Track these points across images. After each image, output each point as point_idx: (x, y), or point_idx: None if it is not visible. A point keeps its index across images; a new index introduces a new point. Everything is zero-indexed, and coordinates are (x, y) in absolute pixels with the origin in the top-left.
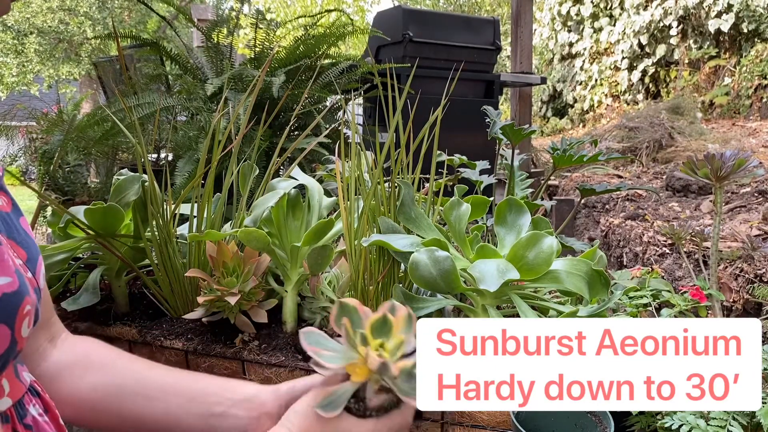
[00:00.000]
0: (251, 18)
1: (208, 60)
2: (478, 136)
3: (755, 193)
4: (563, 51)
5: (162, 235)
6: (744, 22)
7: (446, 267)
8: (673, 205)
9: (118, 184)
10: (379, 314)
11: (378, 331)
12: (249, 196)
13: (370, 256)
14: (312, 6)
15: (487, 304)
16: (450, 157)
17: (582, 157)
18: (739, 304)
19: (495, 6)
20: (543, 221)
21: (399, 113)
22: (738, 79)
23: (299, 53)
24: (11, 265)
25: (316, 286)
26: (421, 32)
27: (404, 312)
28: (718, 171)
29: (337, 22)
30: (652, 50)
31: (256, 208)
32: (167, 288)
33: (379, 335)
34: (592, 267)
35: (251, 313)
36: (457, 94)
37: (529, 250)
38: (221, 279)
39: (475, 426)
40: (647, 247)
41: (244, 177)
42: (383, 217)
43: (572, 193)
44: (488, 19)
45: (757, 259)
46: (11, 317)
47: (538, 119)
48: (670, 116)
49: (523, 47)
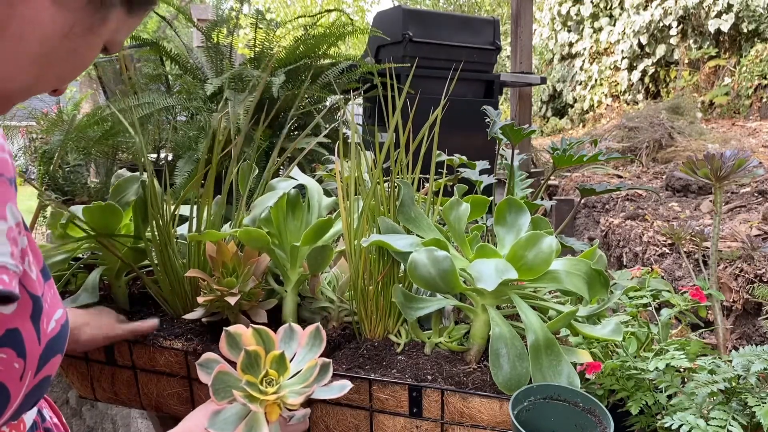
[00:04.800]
0: (251, 18)
1: (208, 60)
2: (477, 136)
3: (755, 193)
4: (563, 51)
5: (162, 236)
6: (744, 22)
7: (445, 267)
8: (673, 205)
9: (118, 184)
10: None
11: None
12: (249, 196)
13: (370, 256)
14: (312, 6)
15: (486, 303)
16: (450, 157)
17: (582, 157)
18: (739, 304)
19: (495, 6)
20: (543, 221)
21: (398, 113)
22: (738, 79)
23: (299, 53)
24: (59, 298)
25: (316, 286)
26: (421, 32)
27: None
28: (718, 171)
29: (337, 22)
30: (652, 50)
31: (255, 208)
32: (167, 288)
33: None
34: (591, 266)
35: (251, 313)
36: (457, 94)
37: (528, 249)
38: (221, 279)
39: (475, 426)
40: (647, 247)
41: (243, 177)
42: (383, 217)
43: (572, 193)
44: (488, 19)
45: (757, 259)
46: (65, 344)
47: (538, 119)
48: (670, 116)
49: (523, 47)
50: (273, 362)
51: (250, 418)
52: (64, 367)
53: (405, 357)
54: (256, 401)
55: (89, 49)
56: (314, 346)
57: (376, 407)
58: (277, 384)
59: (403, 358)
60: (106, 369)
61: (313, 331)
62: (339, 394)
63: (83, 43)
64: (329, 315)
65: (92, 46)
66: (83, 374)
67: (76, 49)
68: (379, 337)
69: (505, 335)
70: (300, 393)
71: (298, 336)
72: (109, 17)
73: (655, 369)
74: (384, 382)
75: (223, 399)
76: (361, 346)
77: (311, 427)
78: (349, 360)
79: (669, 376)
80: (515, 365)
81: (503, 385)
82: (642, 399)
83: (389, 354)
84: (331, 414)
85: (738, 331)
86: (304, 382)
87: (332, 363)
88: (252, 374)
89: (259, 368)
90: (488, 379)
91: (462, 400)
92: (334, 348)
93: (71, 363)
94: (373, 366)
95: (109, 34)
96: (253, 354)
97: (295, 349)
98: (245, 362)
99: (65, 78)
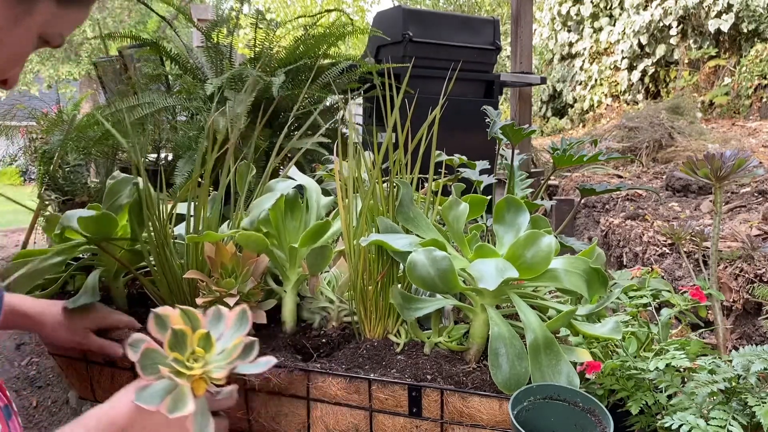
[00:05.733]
0: (251, 18)
1: (208, 60)
2: (478, 136)
3: (755, 193)
4: (563, 51)
5: (159, 237)
6: (744, 22)
7: (444, 267)
8: (673, 205)
9: (111, 187)
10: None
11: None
12: (248, 195)
13: (369, 256)
14: (312, 6)
15: (486, 303)
16: (450, 157)
17: (582, 157)
18: (739, 304)
19: (495, 6)
20: (542, 220)
21: (396, 112)
22: (738, 79)
23: (299, 53)
24: None
25: (316, 286)
26: (421, 32)
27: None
28: (718, 171)
29: (337, 22)
30: (652, 50)
31: (253, 209)
32: (165, 289)
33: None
34: (590, 265)
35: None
36: (457, 94)
37: (527, 249)
38: (220, 280)
39: (475, 425)
40: (647, 247)
41: (241, 177)
42: (381, 217)
43: (572, 193)
44: (488, 19)
45: (757, 259)
46: None
47: (538, 119)
48: (670, 116)
49: (523, 47)
50: (199, 341)
51: (177, 392)
52: (64, 368)
53: (404, 357)
54: (182, 376)
55: (19, 40)
56: (240, 326)
57: (376, 407)
58: (203, 360)
59: (403, 358)
60: (106, 370)
61: (239, 312)
62: (263, 369)
63: (10, 35)
64: (329, 315)
65: (21, 38)
66: (83, 375)
67: (2, 40)
68: (379, 336)
69: (504, 335)
70: (224, 368)
71: (226, 318)
72: (34, 9)
73: (655, 369)
74: (383, 381)
75: (150, 375)
76: (361, 345)
77: (311, 427)
78: (349, 360)
79: (669, 376)
80: (514, 365)
81: (502, 385)
82: (642, 399)
83: (389, 354)
84: (330, 414)
85: (738, 331)
86: (228, 358)
87: (258, 341)
88: (179, 352)
89: (186, 346)
90: (488, 379)
91: (461, 399)
92: (333, 348)
93: (71, 364)
94: (372, 366)
95: (40, 27)
96: (179, 333)
97: (222, 329)
98: (172, 340)
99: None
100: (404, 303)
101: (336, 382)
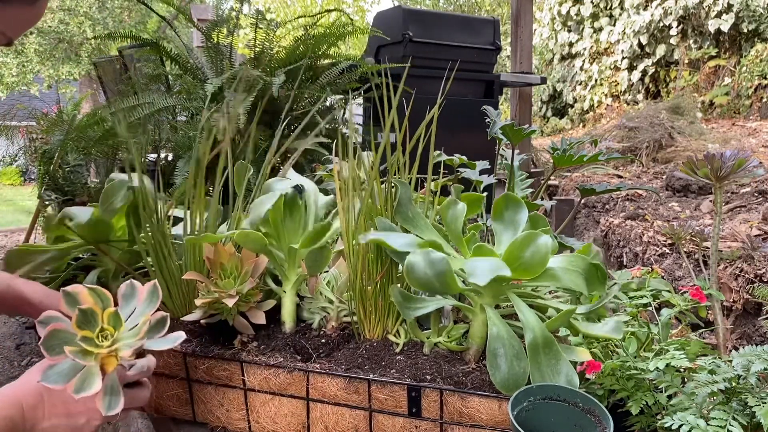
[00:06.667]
0: (251, 18)
1: (208, 60)
2: (478, 136)
3: (755, 193)
4: (563, 51)
5: (156, 238)
6: (744, 22)
7: (441, 268)
8: (673, 205)
9: (106, 189)
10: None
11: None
12: (246, 195)
13: (368, 256)
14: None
15: (485, 303)
16: (450, 157)
17: (582, 157)
18: (739, 304)
19: (495, 6)
20: (541, 218)
21: (394, 111)
22: (738, 79)
23: (299, 53)
24: None
25: (315, 286)
26: (421, 32)
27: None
28: (718, 171)
29: (337, 22)
30: (652, 50)
31: (252, 209)
32: (164, 290)
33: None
34: (588, 262)
35: (249, 314)
36: (457, 94)
37: (524, 249)
38: (219, 281)
39: (474, 425)
40: (647, 247)
41: (239, 177)
42: (380, 217)
43: (572, 193)
44: (488, 19)
45: (757, 259)
46: None
47: (538, 119)
48: (670, 116)
49: (523, 47)
50: (109, 318)
51: (85, 371)
52: None
53: (404, 357)
54: (90, 355)
55: None
56: (151, 302)
57: (375, 407)
58: (111, 338)
59: (402, 358)
60: None
61: (150, 288)
62: (171, 345)
63: None
64: (328, 315)
65: None
66: None
67: None
68: (378, 337)
69: (502, 335)
70: (131, 345)
71: (138, 293)
72: None
73: (655, 369)
74: (383, 382)
75: (57, 355)
76: (360, 346)
77: (311, 427)
78: (348, 360)
79: (669, 376)
80: (513, 365)
81: (501, 385)
82: (642, 399)
83: (388, 354)
84: (330, 414)
85: (738, 331)
86: (139, 334)
87: (168, 316)
88: (88, 329)
89: (96, 324)
90: (487, 379)
91: (461, 399)
92: (333, 348)
93: None
94: (372, 366)
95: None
96: (88, 311)
97: (134, 305)
98: (80, 319)
99: None
100: (404, 302)
101: (335, 383)
